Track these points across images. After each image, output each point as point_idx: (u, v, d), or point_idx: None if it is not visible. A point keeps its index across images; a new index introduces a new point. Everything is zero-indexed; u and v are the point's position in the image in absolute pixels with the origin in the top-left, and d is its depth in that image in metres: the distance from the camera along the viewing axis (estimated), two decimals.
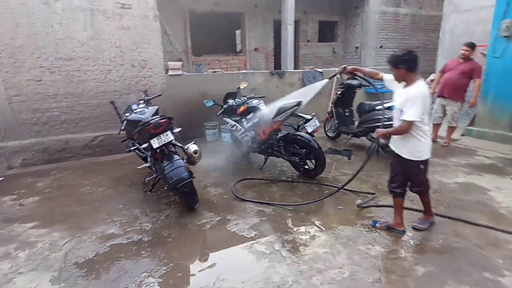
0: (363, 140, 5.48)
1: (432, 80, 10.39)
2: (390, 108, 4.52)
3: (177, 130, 3.38)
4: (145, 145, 3.18)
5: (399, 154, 2.71)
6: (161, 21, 6.59)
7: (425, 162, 2.68)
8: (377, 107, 4.76)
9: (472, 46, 4.96)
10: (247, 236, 2.83)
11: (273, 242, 2.71)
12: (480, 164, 4.51)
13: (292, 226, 2.96)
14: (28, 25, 5.11)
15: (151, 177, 3.61)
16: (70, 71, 5.57)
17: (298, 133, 3.98)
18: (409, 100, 2.50)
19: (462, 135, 5.78)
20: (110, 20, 5.71)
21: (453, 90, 5.03)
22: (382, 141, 4.62)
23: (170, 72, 6.51)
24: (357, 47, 11.76)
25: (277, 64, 11.08)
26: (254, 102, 4.42)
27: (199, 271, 2.39)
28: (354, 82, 5.43)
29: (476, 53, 5.15)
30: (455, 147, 5.37)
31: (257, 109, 4.32)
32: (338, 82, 8.30)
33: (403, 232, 2.81)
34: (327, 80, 3.79)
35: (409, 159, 2.65)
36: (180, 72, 6.64)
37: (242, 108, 4.45)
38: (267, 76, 7.54)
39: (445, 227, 2.90)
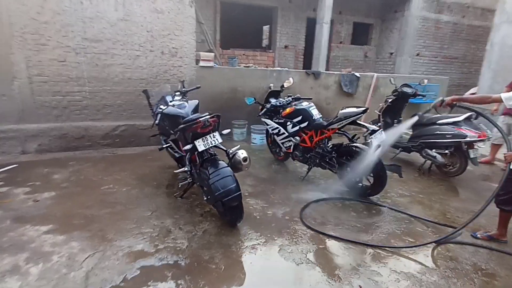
0: (413, 156, 4.89)
1: (472, 94, 9.74)
2: (455, 123, 3.96)
3: (226, 131, 2.87)
4: (188, 147, 2.68)
5: None
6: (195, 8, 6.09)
7: None
8: (439, 121, 4.17)
9: None
10: (308, 269, 2.30)
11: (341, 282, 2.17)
12: None
13: (359, 263, 2.42)
14: (56, 0, 4.68)
15: (185, 182, 3.11)
16: (96, 54, 5.13)
17: (355, 144, 3.43)
18: None
19: None
20: (142, 1, 5.25)
21: None
22: (440, 159, 4.09)
23: (201, 63, 6.01)
24: (391, 53, 11.09)
25: (306, 64, 10.52)
26: (304, 104, 3.87)
27: None
28: (408, 90, 4.85)
29: None
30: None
31: (307, 112, 3.77)
32: (375, 88, 7.72)
33: (506, 241, 2.74)
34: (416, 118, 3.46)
35: None
36: (211, 64, 6.14)
37: (288, 110, 3.91)
38: (302, 76, 6.99)
39: None
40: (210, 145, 2.65)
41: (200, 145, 2.64)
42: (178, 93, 3.57)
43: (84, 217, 2.86)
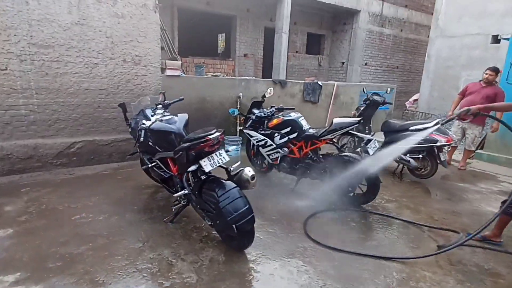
0: None
1: (415, 100, 10.79)
2: (426, 129, 4.26)
3: (232, 148, 2.64)
4: (193, 167, 2.39)
5: None
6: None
7: None
8: (410, 128, 4.46)
9: (496, 70, 4.94)
10: None
11: None
12: None
13: (377, 277, 2.39)
14: None
15: (179, 205, 2.79)
16: (46, 61, 4.49)
17: (346, 153, 3.46)
18: None
19: (471, 157, 5.77)
20: (101, 4, 4.75)
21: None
22: (414, 163, 4.36)
23: (168, 72, 5.63)
24: (343, 62, 11.79)
25: (266, 73, 10.63)
26: (293, 114, 3.80)
27: None
28: (378, 98, 5.12)
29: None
30: (472, 171, 5.31)
31: (297, 123, 3.71)
32: (336, 96, 8.08)
33: (500, 242, 2.81)
34: (438, 126, 3.55)
35: None
36: (178, 73, 5.79)
37: (275, 121, 3.81)
38: (270, 85, 6.97)
39: None
40: (217, 165, 2.41)
41: (207, 165, 2.38)
42: (160, 106, 3.23)
43: (60, 258, 2.38)
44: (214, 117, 6.17)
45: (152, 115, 3.16)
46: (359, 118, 3.39)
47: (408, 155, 4.39)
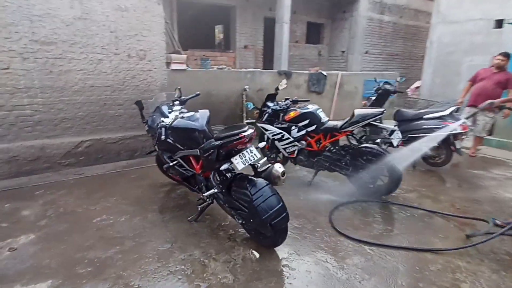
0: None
1: (417, 87, 10.76)
2: (441, 117, 4.24)
3: (261, 144, 2.57)
4: (226, 165, 2.33)
5: None
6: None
7: None
8: (425, 116, 4.43)
9: (508, 56, 4.90)
10: (373, 285, 2.18)
11: None
12: None
13: (413, 269, 2.38)
14: None
15: (204, 204, 2.73)
16: (50, 59, 4.35)
17: (367, 145, 3.42)
18: None
19: (481, 144, 5.77)
20: None
21: (487, 99, 4.92)
22: (429, 152, 4.34)
23: (173, 67, 5.51)
24: (343, 51, 11.67)
25: (266, 64, 10.47)
26: (311, 107, 3.73)
27: None
28: (390, 87, 5.07)
29: None
30: (483, 157, 5.32)
31: (315, 116, 3.65)
32: (341, 86, 8.00)
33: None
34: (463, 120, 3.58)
35: None
36: (184, 66, 5.67)
37: (293, 114, 3.74)
38: (275, 76, 6.90)
39: None
40: (249, 162, 2.35)
41: (239, 162, 2.31)
42: (177, 102, 3.13)
43: (89, 263, 2.31)
44: (220, 111, 6.07)
45: (169, 112, 3.07)
46: (383, 109, 3.34)
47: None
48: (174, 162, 2.89)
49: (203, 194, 2.58)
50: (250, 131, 2.32)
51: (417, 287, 2.16)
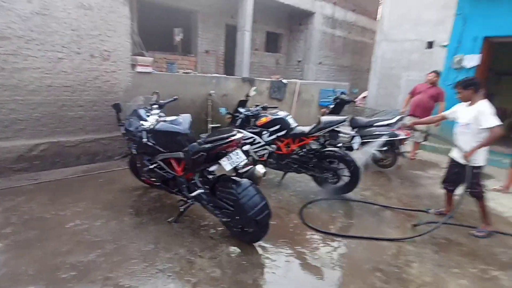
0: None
1: (364, 97, 11.85)
2: (389, 125, 4.86)
3: (246, 147, 2.75)
4: (215, 167, 2.46)
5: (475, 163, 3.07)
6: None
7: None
8: (376, 124, 5.02)
9: (438, 73, 5.80)
10: (345, 270, 2.50)
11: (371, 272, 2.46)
12: None
13: (374, 256, 2.76)
14: None
15: (186, 205, 2.83)
16: (2, 55, 4.08)
17: (331, 148, 3.81)
18: (484, 112, 2.97)
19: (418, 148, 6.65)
20: None
21: (424, 110, 5.76)
22: (379, 155, 4.95)
23: (139, 69, 5.43)
24: (299, 61, 12.38)
25: (228, 70, 10.66)
26: (281, 113, 4.03)
27: None
28: (346, 97, 5.63)
29: None
30: (420, 160, 6.15)
31: (285, 122, 3.95)
32: (299, 93, 8.53)
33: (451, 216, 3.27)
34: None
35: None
36: (150, 69, 5.61)
37: (264, 119, 4.00)
38: (239, 83, 7.15)
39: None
40: (236, 164, 2.52)
41: (227, 164, 2.47)
42: (155, 106, 3.18)
43: (72, 267, 2.28)
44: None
45: (147, 115, 3.11)
46: (345, 117, 3.77)
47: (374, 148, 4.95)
48: (155, 165, 2.93)
49: (190, 195, 2.68)
50: (239, 135, 2.51)
51: (379, 268, 2.54)
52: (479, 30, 5.95)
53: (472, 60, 6.09)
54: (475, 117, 3.00)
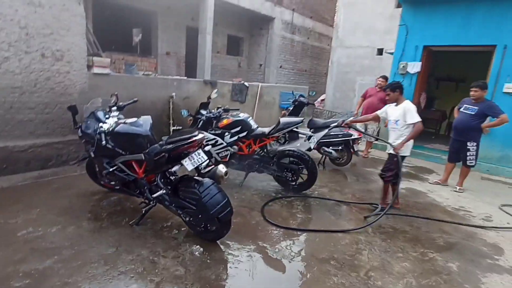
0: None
1: (322, 100, 12.43)
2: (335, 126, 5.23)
3: (207, 148, 2.80)
4: (177, 167, 2.49)
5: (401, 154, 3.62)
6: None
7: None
8: (332, 124, 5.35)
9: (386, 78, 6.33)
10: (305, 261, 2.67)
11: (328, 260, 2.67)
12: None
13: (330, 247, 2.99)
14: None
15: (148, 207, 2.83)
16: None
17: (290, 148, 4.02)
18: (409, 110, 3.52)
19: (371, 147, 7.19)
20: None
21: (374, 112, 6.23)
22: (335, 154, 5.30)
23: (95, 70, 5.25)
24: (260, 64, 12.66)
25: (189, 72, 10.59)
26: (242, 115, 4.15)
27: None
28: (304, 99, 5.92)
29: None
30: (373, 158, 6.65)
31: (246, 123, 4.08)
32: (261, 96, 8.75)
33: (398, 208, 3.88)
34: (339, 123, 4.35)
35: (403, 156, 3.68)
36: (107, 70, 5.45)
37: (226, 121, 4.10)
38: (201, 85, 7.18)
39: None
40: (198, 164, 2.58)
41: (188, 164, 2.52)
42: (114, 108, 3.13)
43: (26, 275, 2.18)
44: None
45: (106, 118, 3.06)
46: (302, 118, 4.00)
47: (330, 147, 5.28)
48: (114, 168, 2.90)
49: (152, 196, 2.69)
50: (201, 135, 2.58)
51: (333, 257, 2.76)
52: (419, 39, 6.60)
53: (414, 67, 6.74)
54: (401, 114, 3.53)
